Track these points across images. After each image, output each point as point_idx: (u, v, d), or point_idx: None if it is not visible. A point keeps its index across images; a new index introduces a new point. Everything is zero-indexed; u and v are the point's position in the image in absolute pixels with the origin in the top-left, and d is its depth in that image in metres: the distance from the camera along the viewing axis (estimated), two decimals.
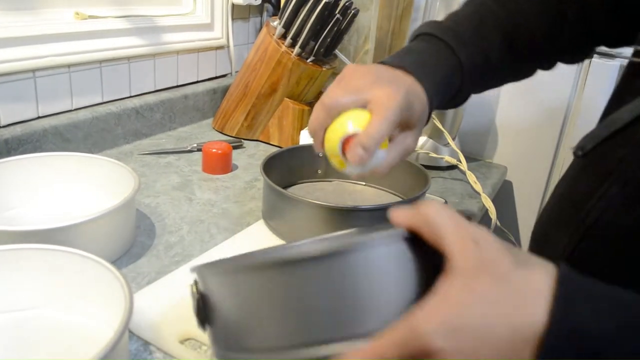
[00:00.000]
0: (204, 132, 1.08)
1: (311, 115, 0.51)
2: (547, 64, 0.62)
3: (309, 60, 0.98)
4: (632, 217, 0.40)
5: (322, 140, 0.51)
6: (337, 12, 0.96)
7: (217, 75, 1.20)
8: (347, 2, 0.97)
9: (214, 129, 1.09)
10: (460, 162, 0.99)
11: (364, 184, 0.86)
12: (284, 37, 0.98)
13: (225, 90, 1.14)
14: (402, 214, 0.34)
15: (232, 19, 1.18)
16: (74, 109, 0.89)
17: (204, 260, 0.62)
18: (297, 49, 0.96)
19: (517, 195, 1.15)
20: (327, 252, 0.32)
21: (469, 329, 0.29)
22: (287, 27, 0.97)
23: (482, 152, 1.15)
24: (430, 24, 0.57)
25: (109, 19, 0.93)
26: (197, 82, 1.15)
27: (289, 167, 0.81)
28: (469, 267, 0.31)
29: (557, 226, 0.49)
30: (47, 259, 0.50)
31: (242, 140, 1.04)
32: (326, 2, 0.93)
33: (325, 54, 1.01)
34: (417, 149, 1.00)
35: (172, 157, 0.94)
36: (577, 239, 0.44)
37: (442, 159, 1.00)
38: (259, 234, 0.71)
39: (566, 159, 1.06)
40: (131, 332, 0.51)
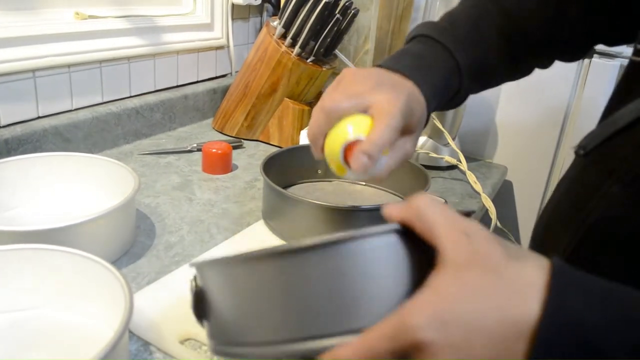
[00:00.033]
0: (204, 132, 1.08)
1: (310, 120, 0.50)
2: (545, 63, 0.62)
3: (309, 60, 0.98)
4: (634, 216, 0.40)
5: (322, 146, 0.50)
6: (337, 12, 0.96)
7: (217, 75, 1.20)
8: (347, 2, 0.97)
9: (214, 129, 1.09)
10: (460, 162, 0.99)
11: (363, 184, 0.86)
12: (284, 37, 0.98)
13: (225, 90, 1.14)
14: (394, 208, 0.34)
15: (232, 19, 1.18)
16: (74, 109, 0.89)
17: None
18: (297, 49, 0.96)
19: (517, 195, 1.15)
20: (318, 244, 0.32)
21: (459, 321, 0.29)
22: (287, 27, 0.97)
23: (482, 152, 1.15)
24: (426, 25, 0.57)
25: (109, 19, 0.93)
26: (197, 82, 1.15)
27: (289, 167, 0.81)
28: (460, 260, 0.30)
29: (558, 225, 0.49)
30: (47, 259, 0.50)
31: (242, 140, 1.04)
32: (326, 2, 0.93)
33: (325, 54, 1.01)
34: (417, 149, 1.00)
35: (172, 157, 0.94)
36: (578, 239, 0.44)
37: (442, 159, 1.00)
38: (259, 234, 0.71)
39: (566, 158, 1.06)
40: (131, 332, 0.51)
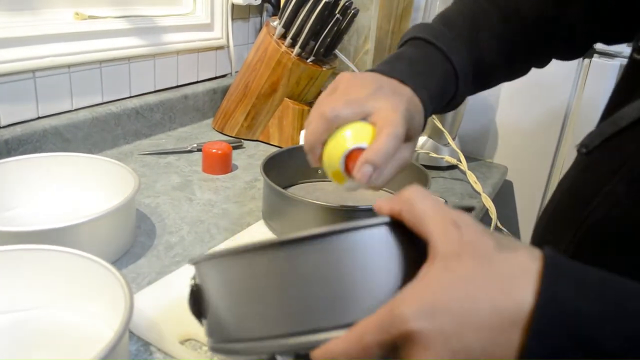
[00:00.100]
0: (204, 132, 1.08)
1: (308, 127, 0.48)
2: (543, 62, 0.62)
3: (309, 60, 0.97)
4: (636, 215, 0.40)
5: (320, 154, 0.48)
6: (337, 12, 0.96)
7: (217, 75, 1.20)
8: (347, 2, 0.97)
9: (214, 129, 1.09)
10: (460, 162, 0.99)
11: None
12: (284, 37, 0.98)
13: (225, 90, 1.14)
14: (384, 202, 0.34)
15: (232, 19, 1.18)
16: (74, 109, 0.89)
17: None
18: (297, 49, 0.96)
19: (518, 195, 1.15)
20: (307, 236, 0.32)
21: (449, 310, 0.29)
22: (287, 27, 0.97)
23: (482, 152, 1.15)
24: (420, 27, 0.56)
25: (109, 19, 0.93)
26: (197, 82, 1.15)
27: (289, 167, 0.81)
28: (451, 251, 0.30)
29: (559, 224, 0.49)
30: (47, 259, 0.50)
31: (242, 140, 1.04)
32: (326, 2, 0.93)
33: (325, 54, 1.01)
34: (417, 148, 1.00)
35: (172, 158, 0.94)
36: (579, 238, 0.44)
37: (442, 158, 1.00)
38: (259, 234, 0.71)
39: (567, 158, 1.06)
40: (131, 332, 0.51)
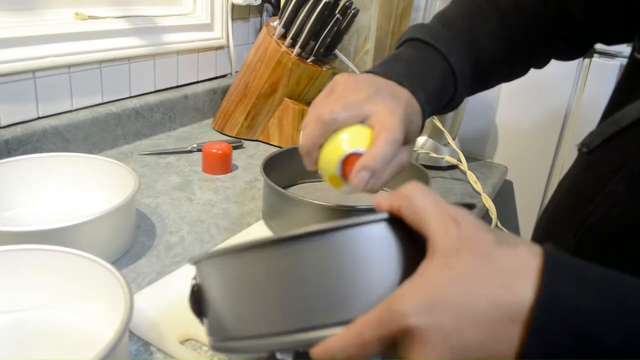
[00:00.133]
0: (204, 132, 1.08)
1: (304, 130, 0.47)
2: (542, 63, 0.62)
3: (309, 60, 0.97)
4: (637, 215, 0.40)
5: (317, 158, 0.47)
6: (337, 12, 0.96)
7: (217, 75, 1.20)
8: (347, 2, 0.97)
9: (214, 129, 1.09)
10: (460, 161, 0.99)
11: None
12: (284, 37, 0.98)
13: (225, 90, 1.14)
14: (384, 198, 0.34)
15: (232, 19, 1.18)
16: (74, 109, 0.89)
17: None
18: (297, 49, 0.96)
19: (518, 195, 1.15)
20: (306, 233, 0.32)
21: (448, 305, 0.29)
22: (287, 27, 0.97)
23: (482, 152, 1.15)
24: (418, 28, 0.55)
25: (109, 19, 0.93)
26: (197, 82, 1.15)
27: (289, 167, 0.81)
28: (450, 247, 0.30)
29: (560, 224, 0.49)
30: (47, 259, 0.50)
31: (242, 140, 1.04)
32: (326, 2, 0.93)
33: (325, 54, 1.01)
34: (417, 148, 1.00)
35: (172, 158, 0.94)
36: (579, 238, 0.44)
37: (442, 158, 1.00)
38: (259, 234, 0.71)
39: (567, 158, 1.06)
40: (131, 332, 0.51)
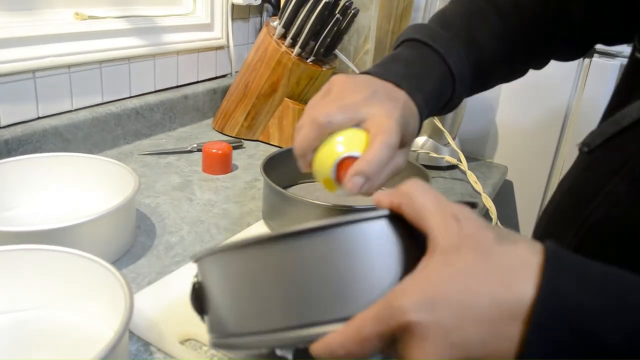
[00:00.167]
0: (204, 132, 1.07)
1: (299, 132, 0.47)
2: (541, 63, 0.61)
3: (309, 60, 0.97)
4: (638, 215, 0.40)
5: (311, 160, 0.46)
6: (337, 12, 0.96)
7: (217, 75, 1.20)
8: (347, 2, 0.97)
9: (214, 129, 1.09)
10: (460, 161, 0.99)
11: None
12: (284, 37, 0.98)
13: (225, 90, 1.14)
14: (384, 195, 0.34)
15: (232, 19, 1.18)
16: (74, 109, 0.89)
17: None
18: (297, 49, 0.96)
19: (518, 195, 1.15)
20: (306, 229, 0.32)
21: (448, 302, 0.28)
22: (287, 27, 0.97)
23: (482, 152, 1.15)
24: (416, 28, 0.54)
25: (109, 19, 0.93)
26: (197, 82, 1.15)
27: (289, 167, 0.81)
28: (450, 244, 0.30)
29: (560, 224, 0.49)
30: (47, 259, 0.50)
31: (242, 140, 1.04)
32: (326, 2, 0.93)
33: (325, 54, 1.01)
34: (417, 148, 1.00)
35: (172, 158, 0.94)
36: (579, 238, 0.44)
37: (442, 158, 1.00)
38: (259, 234, 0.71)
39: (567, 158, 1.06)
40: (131, 332, 0.51)
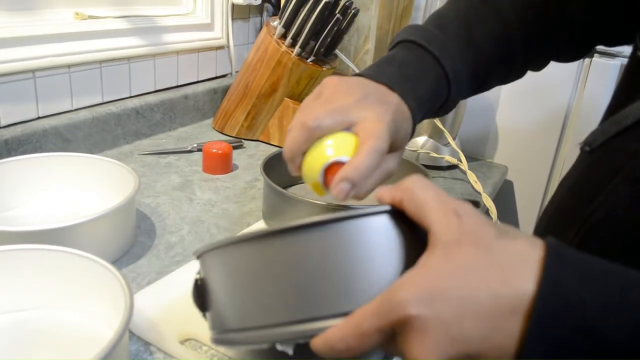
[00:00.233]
0: (204, 132, 1.07)
1: (289, 135, 0.46)
2: (540, 65, 0.61)
3: (309, 60, 0.97)
4: (639, 216, 0.40)
5: (300, 163, 0.46)
6: (337, 12, 0.96)
7: (217, 75, 1.20)
8: (347, 2, 0.97)
9: (214, 129, 1.09)
10: (460, 161, 0.99)
11: None
12: (284, 37, 0.98)
13: (225, 90, 1.14)
14: (386, 190, 0.34)
15: (232, 19, 1.18)
16: (74, 109, 0.89)
17: None
18: (297, 49, 0.96)
19: (518, 195, 1.15)
20: (307, 224, 0.32)
21: (448, 296, 0.28)
22: (287, 27, 0.97)
23: (482, 152, 1.15)
24: (412, 29, 0.54)
25: (109, 19, 0.92)
26: (197, 82, 1.15)
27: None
28: (451, 240, 0.30)
29: (561, 224, 0.49)
30: (47, 259, 0.50)
31: (242, 140, 1.04)
32: (326, 2, 0.93)
33: (325, 54, 1.01)
34: (417, 148, 1.00)
35: (172, 157, 0.93)
36: (580, 238, 0.44)
37: (442, 158, 1.00)
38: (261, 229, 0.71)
39: (567, 158, 1.06)
40: (131, 332, 0.51)
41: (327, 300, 0.32)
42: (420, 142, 1.01)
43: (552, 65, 0.62)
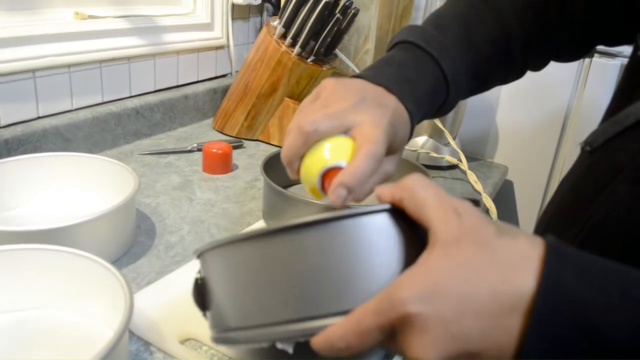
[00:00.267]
0: (204, 132, 1.07)
1: (285, 140, 0.46)
2: (540, 65, 0.61)
3: (309, 60, 0.97)
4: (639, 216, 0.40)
5: (298, 168, 0.46)
6: (337, 11, 0.96)
7: (217, 75, 1.20)
8: (347, 1, 0.97)
9: (214, 129, 1.09)
10: (460, 161, 0.99)
11: None
12: (284, 36, 0.98)
13: (225, 90, 1.14)
14: (386, 189, 0.34)
15: (232, 19, 1.18)
16: (74, 109, 0.89)
17: None
18: (297, 49, 0.96)
19: (518, 195, 1.15)
20: (307, 222, 0.32)
21: (448, 294, 0.29)
22: (287, 26, 0.97)
23: (482, 152, 1.15)
24: (410, 30, 0.53)
25: (109, 19, 0.92)
26: (197, 82, 1.15)
27: None
28: (451, 238, 0.30)
29: (561, 224, 0.48)
30: (47, 259, 0.50)
31: (242, 140, 1.04)
32: (326, 2, 0.93)
33: (325, 54, 1.01)
34: (417, 148, 1.00)
35: (172, 157, 0.93)
36: (581, 238, 0.44)
37: (442, 158, 1.00)
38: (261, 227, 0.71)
39: (567, 158, 1.06)
40: (131, 332, 0.51)
41: (327, 298, 0.32)
42: (420, 142, 1.01)
43: (552, 65, 0.62)
